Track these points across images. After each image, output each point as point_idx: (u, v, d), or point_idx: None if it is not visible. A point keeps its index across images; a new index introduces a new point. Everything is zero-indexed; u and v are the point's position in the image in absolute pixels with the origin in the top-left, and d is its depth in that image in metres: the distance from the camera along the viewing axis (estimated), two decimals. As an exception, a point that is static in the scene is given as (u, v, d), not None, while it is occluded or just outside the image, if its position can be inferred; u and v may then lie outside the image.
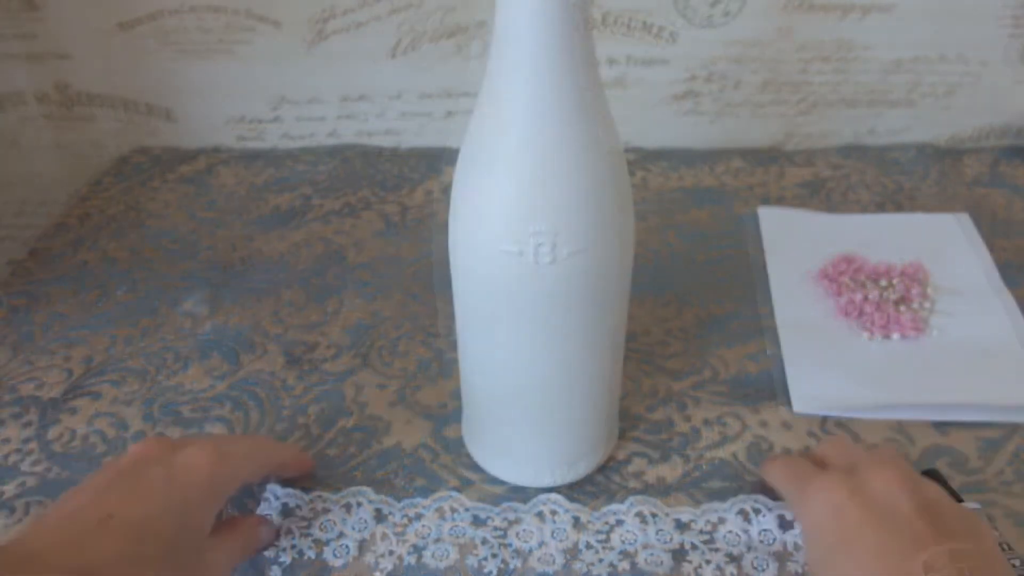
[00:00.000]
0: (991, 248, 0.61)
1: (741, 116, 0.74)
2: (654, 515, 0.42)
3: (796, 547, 0.41)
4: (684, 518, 0.42)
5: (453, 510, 0.43)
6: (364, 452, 0.47)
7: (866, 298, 0.55)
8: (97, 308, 0.59)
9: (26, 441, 0.49)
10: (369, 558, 0.41)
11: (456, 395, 0.48)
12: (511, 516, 0.43)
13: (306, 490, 0.44)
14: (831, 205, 0.67)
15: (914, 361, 0.51)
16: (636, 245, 0.41)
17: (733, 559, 0.40)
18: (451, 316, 0.42)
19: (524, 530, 0.42)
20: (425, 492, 0.44)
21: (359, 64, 0.72)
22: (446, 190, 0.69)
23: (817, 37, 0.69)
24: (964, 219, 0.64)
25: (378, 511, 0.43)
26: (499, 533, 0.42)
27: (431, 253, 0.63)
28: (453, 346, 0.45)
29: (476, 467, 0.45)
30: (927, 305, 0.55)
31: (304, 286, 0.60)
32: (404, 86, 0.73)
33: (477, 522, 0.42)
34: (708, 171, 0.72)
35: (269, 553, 0.41)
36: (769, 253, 0.62)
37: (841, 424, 0.48)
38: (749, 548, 0.41)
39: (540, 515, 0.42)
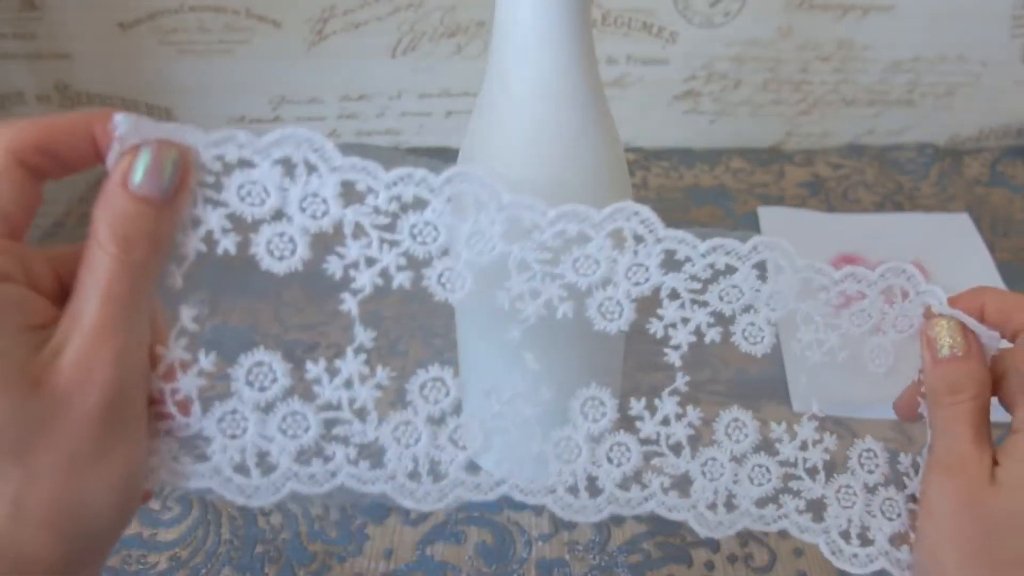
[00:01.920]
0: (991, 248, 0.61)
1: (741, 116, 0.74)
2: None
3: (807, 319, 0.32)
4: (680, 252, 0.31)
5: None
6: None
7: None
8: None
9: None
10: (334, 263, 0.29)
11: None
12: None
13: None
14: (831, 205, 0.67)
15: (914, 360, 0.51)
16: (636, 245, 0.41)
17: (722, 319, 0.32)
18: (451, 316, 0.42)
19: None
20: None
21: (359, 64, 0.72)
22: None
23: (817, 37, 0.69)
24: (964, 219, 0.64)
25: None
26: None
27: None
28: (453, 346, 0.45)
29: (476, 467, 0.45)
30: (927, 305, 0.55)
31: (304, 286, 0.60)
32: (404, 86, 0.73)
33: None
34: (708, 171, 0.72)
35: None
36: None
37: (841, 423, 0.48)
38: (748, 309, 0.32)
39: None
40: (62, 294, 0.25)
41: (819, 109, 0.73)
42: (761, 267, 0.31)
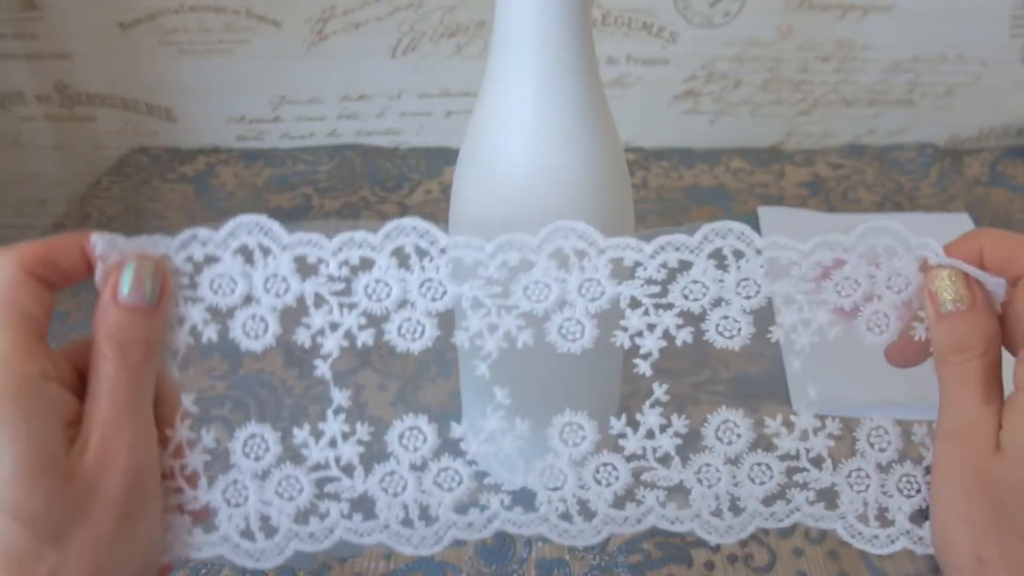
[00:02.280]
0: (991, 248, 0.61)
1: (741, 116, 0.74)
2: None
3: (788, 301, 0.30)
4: (627, 258, 0.30)
5: None
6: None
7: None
8: (97, 308, 0.59)
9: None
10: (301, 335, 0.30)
11: (456, 395, 0.48)
12: None
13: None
14: (831, 205, 0.67)
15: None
16: (636, 245, 0.41)
17: (691, 318, 0.31)
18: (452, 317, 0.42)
19: None
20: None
21: (359, 64, 0.72)
22: (446, 190, 0.69)
23: (817, 37, 0.69)
24: (964, 219, 0.64)
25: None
26: None
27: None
28: (453, 346, 0.45)
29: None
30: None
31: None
32: (404, 86, 0.73)
33: None
34: (708, 171, 0.72)
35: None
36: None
37: (841, 423, 0.48)
38: (718, 303, 0.31)
39: None
40: (82, 386, 0.28)
41: (819, 109, 0.73)
42: (719, 256, 0.30)
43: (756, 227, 0.64)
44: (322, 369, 0.31)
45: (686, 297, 0.30)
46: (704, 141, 0.75)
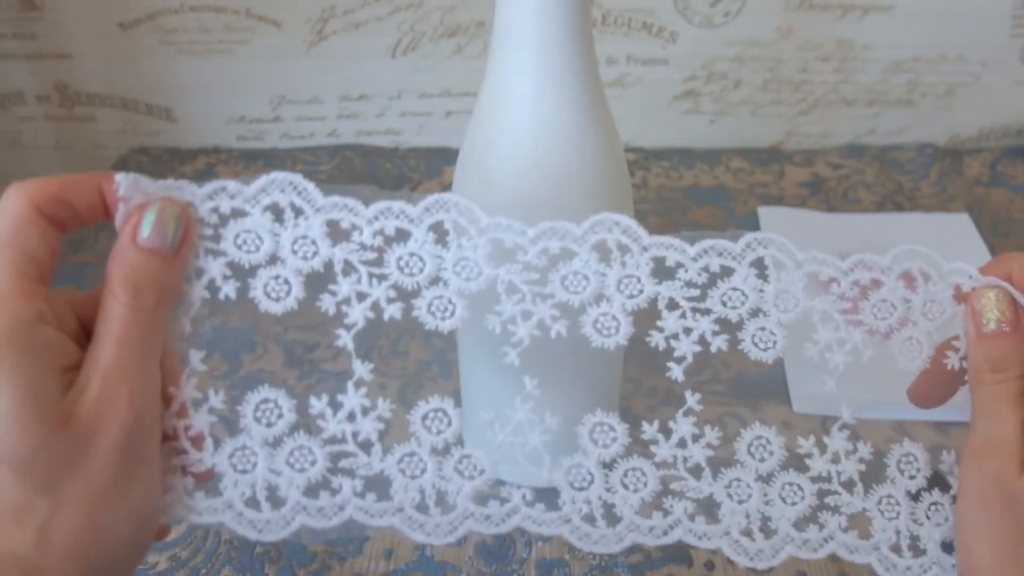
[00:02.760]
0: (991, 248, 0.61)
1: (741, 116, 0.74)
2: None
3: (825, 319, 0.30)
4: (670, 258, 0.30)
5: None
6: (364, 452, 0.47)
7: (866, 298, 0.55)
8: (97, 308, 0.59)
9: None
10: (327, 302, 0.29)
11: (456, 395, 0.48)
12: None
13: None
14: (831, 205, 0.67)
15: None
16: (636, 245, 0.41)
17: (728, 325, 0.31)
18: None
19: None
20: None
21: (359, 64, 0.72)
22: (446, 190, 0.69)
23: (817, 37, 0.69)
24: (964, 219, 0.64)
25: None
26: None
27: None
28: (453, 346, 0.45)
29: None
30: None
31: (304, 286, 0.60)
32: (404, 86, 0.73)
33: None
34: (708, 171, 0.72)
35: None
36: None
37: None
38: (756, 313, 0.30)
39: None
40: (84, 337, 0.26)
41: (819, 109, 0.73)
42: (760, 266, 0.30)
43: (756, 227, 0.65)
44: (344, 339, 0.30)
45: (724, 304, 0.30)
46: (704, 141, 0.75)
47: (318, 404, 0.29)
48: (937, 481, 0.31)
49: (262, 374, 0.53)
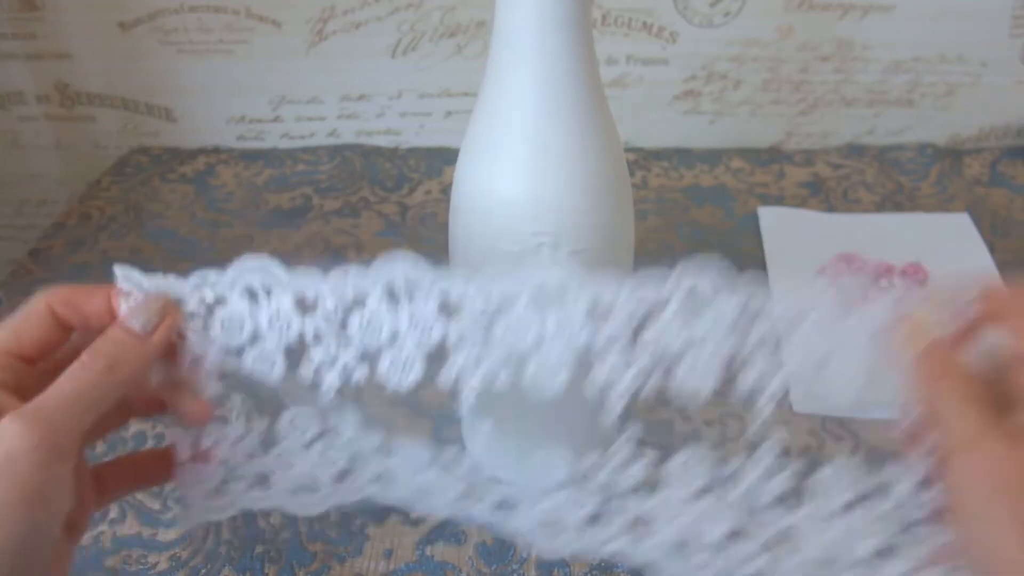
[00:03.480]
0: (991, 248, 0.61)
1: (741, 116, 0.74)
2: None
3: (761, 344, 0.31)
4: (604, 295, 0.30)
5: None
6: (364, 452, 0.47)
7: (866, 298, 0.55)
8: (97, 308, 0.59)
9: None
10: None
11: (456, 395, 0.48)
12: None
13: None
14: (831, 205, 0.67)
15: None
16: (636, 245, 0.41)
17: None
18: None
19: None
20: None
21: (359, 64, 0.72)
22: (446, 190, 0.69)
23: (817, 37, 0.69)
24: (964, 219, 0.64)
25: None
26: None
27: (431, 253, 0.63)
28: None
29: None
30: (927, 305, 0.55)
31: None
32: (404, 86, 0.73)
33: None
34: (708, 171, 0.72)
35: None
36: (769, 253, 0.62)
37: (841, 423, 0.48)
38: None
39: None
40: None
41: (819, 109, 0.73)
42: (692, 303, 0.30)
43: (756, 227, 0.65)
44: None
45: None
46: (704, 141, 0.75)
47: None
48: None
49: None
